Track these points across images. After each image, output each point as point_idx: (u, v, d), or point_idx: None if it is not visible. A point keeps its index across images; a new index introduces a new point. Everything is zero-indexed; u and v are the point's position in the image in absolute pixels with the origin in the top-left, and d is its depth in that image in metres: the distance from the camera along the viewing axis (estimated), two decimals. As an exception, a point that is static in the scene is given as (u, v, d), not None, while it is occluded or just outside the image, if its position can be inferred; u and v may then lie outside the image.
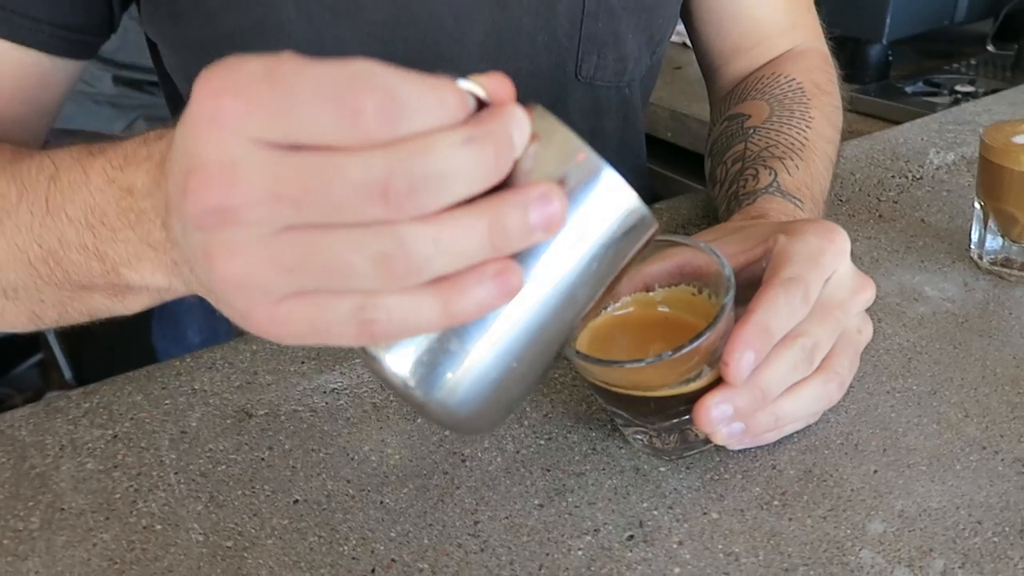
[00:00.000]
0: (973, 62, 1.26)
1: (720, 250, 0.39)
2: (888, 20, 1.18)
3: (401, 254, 0.23)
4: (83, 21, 0.51)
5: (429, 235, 0.23)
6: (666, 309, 0.40)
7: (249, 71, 0.23)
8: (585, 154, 0.26)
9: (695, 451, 0.40)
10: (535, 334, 0.27)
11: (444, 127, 0.23)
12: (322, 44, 0.51)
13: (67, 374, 1.40)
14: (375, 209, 0.23)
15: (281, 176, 0.23)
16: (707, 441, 0.40)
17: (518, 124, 0.24)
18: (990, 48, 1.24)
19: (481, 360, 0.27)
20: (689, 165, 1.17)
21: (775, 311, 0.36)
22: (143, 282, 0.32)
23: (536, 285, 0.26)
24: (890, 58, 1.24)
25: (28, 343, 1.59)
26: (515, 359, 0.28)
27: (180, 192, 0.25)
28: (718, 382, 0.37)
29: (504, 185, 0.25)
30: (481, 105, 0.25)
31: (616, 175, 0.26)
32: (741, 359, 0.35)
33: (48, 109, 0.53)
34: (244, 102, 0.23)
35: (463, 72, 0.60)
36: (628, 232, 0.27)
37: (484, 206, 0.24)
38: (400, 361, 0.27)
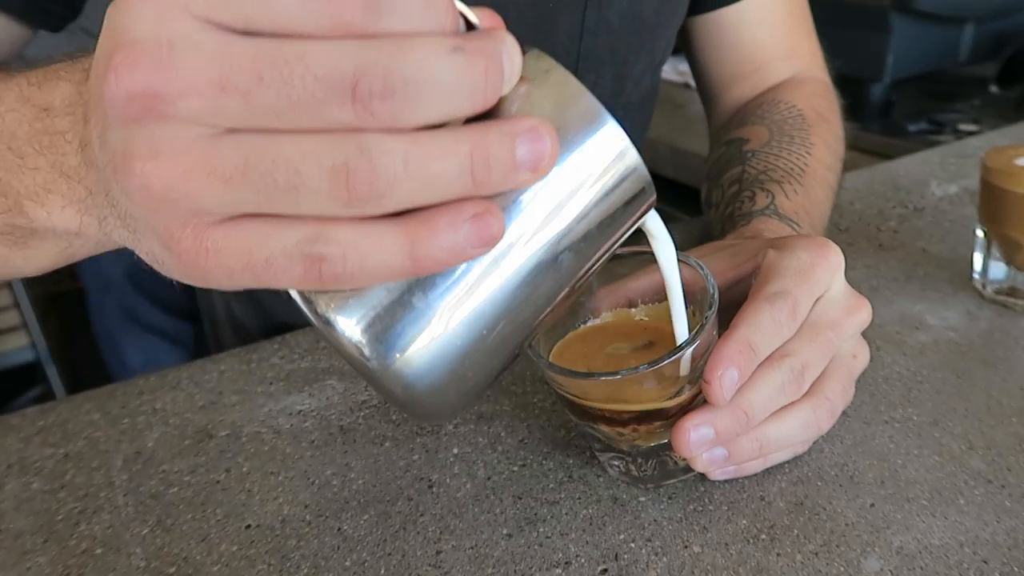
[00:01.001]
0: (977, 103, 1.25)
1: (708, 266, 0.36)
2: (890, 60, 1.17)
3: (365, 168, 0.19)
4: None
5: (400, 149, 0.19)
6: (647, 322, 0.38)
7: None
8: (585, 100, 0.22)
9: (674, 480, 0.38)
10: (512, 300, 0.23)
11: (431, 32, 0.20)
12: None
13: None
14: (340, 111, 0.19)
15: (229, 62, 0.19)
16: (688, 469, 0.37)
17: (510, 51, 0.21)
18: (993, 89, 1.23)
19: (447, 323, 0.23)
20: (690, 202, 1.16)
21: (760, 327, 0.34)
22: (49, 221, 0.28)
23: (518, 241, 0.23)
24: (893, 98, 1.24)
25: (27, 376, 1.57)
26: (486, 327, 0.24)
27: (102, 75, 0.20)
28: (699, 404, 0.34)
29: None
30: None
31: (619, 129, 0.23)
32: (723, 377, 0.33)
33: None
34: None
35: None
36: (624, 195, 0.24)
37: (466, 130, 0.20)
38: (353, 316, 0.23)
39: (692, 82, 0.75)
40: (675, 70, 1.46)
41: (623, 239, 0.26)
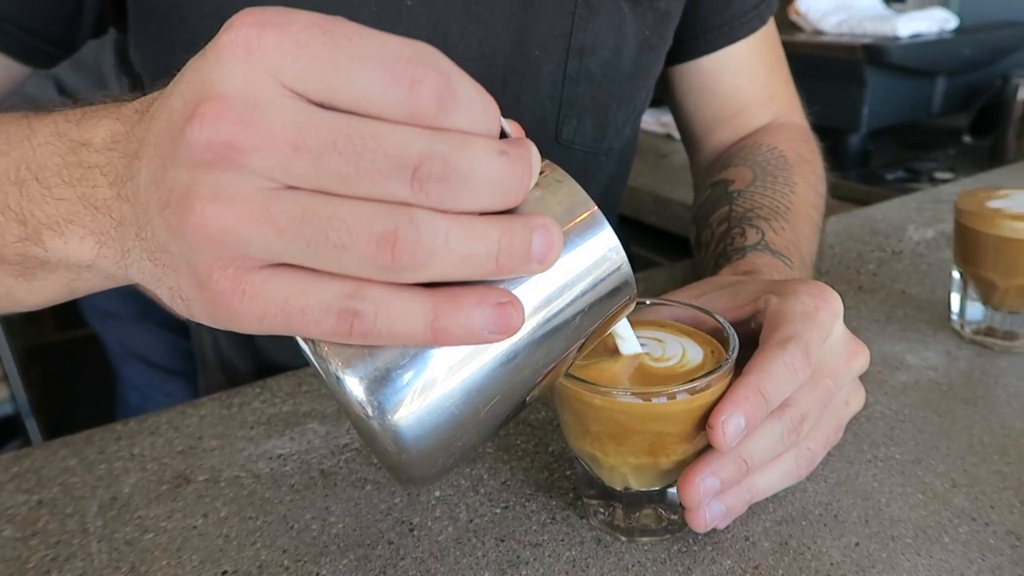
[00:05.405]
0: (952, 152, 1.28)
1: (708, 306, 0.37)
2: (865, 111, 1.20)
3: (411, 237, 0.21)
4: (44, 27, 0.50)
5: (444, 226, 0.22)
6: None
7: (304, 16, 0.21)
8: (588, 208, 0.26)
9: (653, 538, 0.37)
10: (507, 379, 0.26)
11: (484, 133, 0.23)
12: None
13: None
14: (399, 186, 0.21)
15: (307, 126, 0.21)
16: (667, 530, 0.37)
17: (536, 159, 0.24)
18: (966, 139, 1.27)
19: (448, 394, 0.25)
20: (672, 248, 1.17)
21: (772, 373, 0.33)
22: (64, 251, 0.28)
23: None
24: (870, 148, 1.26)
25: (7, 429, 1.55)
26: (482, 402, 0.26)
27: (184, 119, 0.21)
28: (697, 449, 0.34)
29: None
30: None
31: (614, 235, 0.26)
32: (728, 423, 0.32)
33: None
34: (290, 42, 0.21)
35: None
36: (612, 293, 0.27)
37: (497, 218, 0.23)
38: (363, 377, 0.24)
39: (674, 133, 0.77)
40: (657, 122, 1.49)
41: (602, 330, 0.29)
